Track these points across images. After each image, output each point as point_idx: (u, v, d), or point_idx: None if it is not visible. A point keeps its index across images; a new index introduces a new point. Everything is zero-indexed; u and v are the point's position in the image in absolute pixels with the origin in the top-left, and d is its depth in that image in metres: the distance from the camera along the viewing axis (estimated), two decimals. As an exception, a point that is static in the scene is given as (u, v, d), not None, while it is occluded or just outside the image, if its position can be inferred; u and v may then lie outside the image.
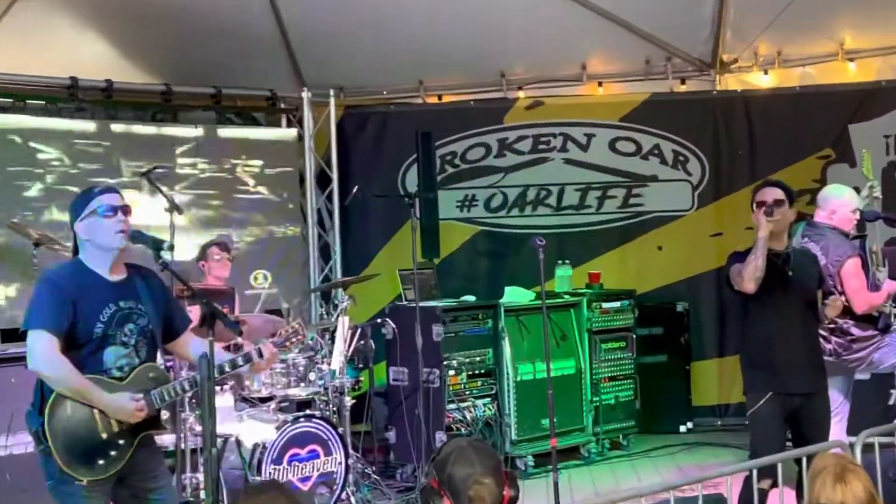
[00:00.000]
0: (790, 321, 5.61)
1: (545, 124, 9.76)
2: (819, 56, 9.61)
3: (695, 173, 9.67)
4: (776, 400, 5.54)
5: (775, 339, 5.58)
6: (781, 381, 5.55)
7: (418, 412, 7.62)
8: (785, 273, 5.57)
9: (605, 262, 9.50)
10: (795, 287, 5.59)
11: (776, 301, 5.58)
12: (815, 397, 5.65)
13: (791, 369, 5.56)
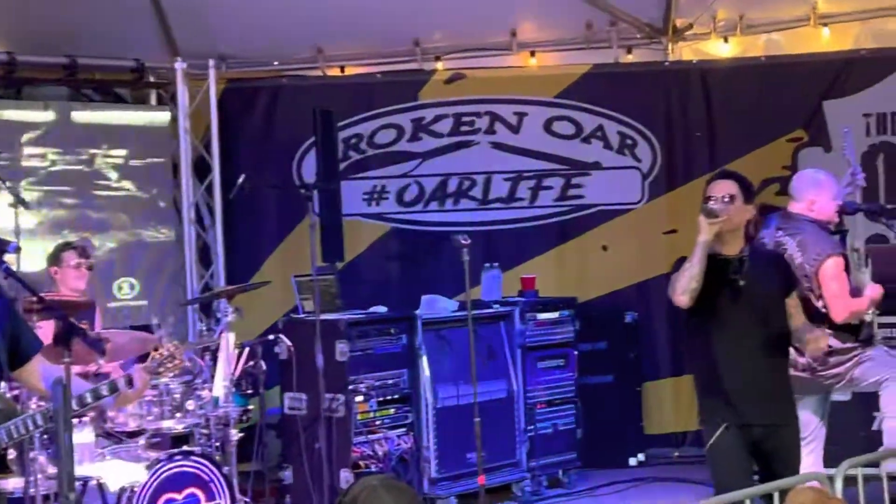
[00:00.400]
0: (745, 340, 5.56)
1: (468, 101, 9.77)
2: (788, 21, 9.75)
3: (645, 159, 9.75)
4: (733, 432, 5.54)
5: (726, 362, 5.54)
6: (735, 411, 5.54)
7: (319, 447, 7.56)
8: (736, 283, 5.56)
9: (540, 264, 9.53)
10: (750, 299, 5.55)
11: (727, 317, 5.55)
12: (780, 429, 5.64)
13: (747, 397, 5.54)
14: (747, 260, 5.56)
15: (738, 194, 5.57)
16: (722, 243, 5.57)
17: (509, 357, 8.44)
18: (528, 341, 8.50)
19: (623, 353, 9.31)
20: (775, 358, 5.67)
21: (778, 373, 5.69)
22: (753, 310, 5.54)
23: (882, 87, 9.41)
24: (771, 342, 5.61)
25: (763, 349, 5.57)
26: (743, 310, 5.53)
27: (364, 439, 7.68)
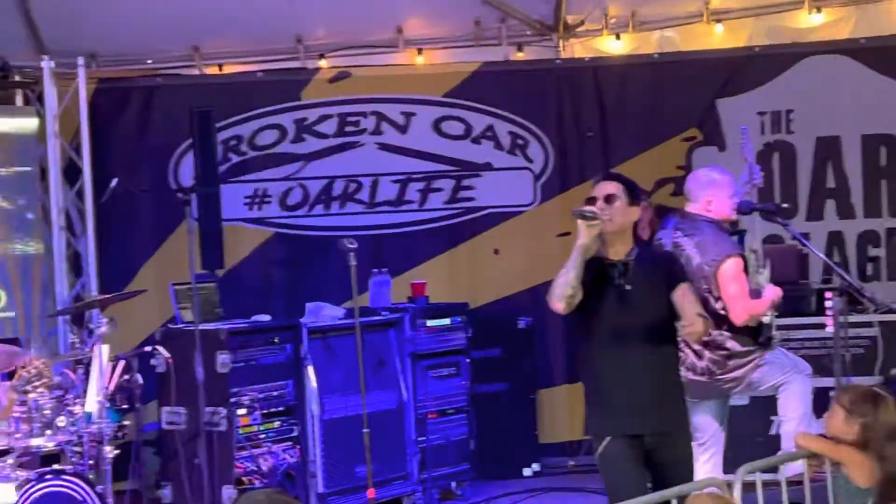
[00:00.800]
0: (631, 347, 5.57)
1: (354, 101, 9.73)
2: (681, 17, 9.88)
3: (537, 160, 9.79)
4: (621, 441, 5.55)
5: (611, 370, 5.56)
6: (623, 421, 5.55)
7: (200, 463, 7.47)
8: (622, 287, 5.57)
9: (430, 269, 9.52)
10: (636, 304, 5.56)
11: (612, 322, 5.56)
12: (672, 437, 5.66)
13: (632, 406, 5.53)
14: (632, 263, 5.55)
15: (622, 196, 5.57)
16: (608, 247, 5.58)
17: (399, 366, 8.42)
18: (418, 349, 8.48)
19: (517, 360, 9.34)
20: (663, 364, 5.66)
21: (667, 379, 5.67)
22: (640, 315, 5.54)
23: (776, 85, 9.57)
24: (658, 348, 5.61)
25: (650, 356, 5.56)
26: (629, 315, 5.52)
27: (247, 454, 7.60)
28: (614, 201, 5.55)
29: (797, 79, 9.54)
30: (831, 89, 9.53)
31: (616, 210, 5.52)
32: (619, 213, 5.53)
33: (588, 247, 5.42)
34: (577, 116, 9.81)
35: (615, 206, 5.53)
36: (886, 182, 9.51)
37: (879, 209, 9.54)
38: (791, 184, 9.56)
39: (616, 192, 5.56)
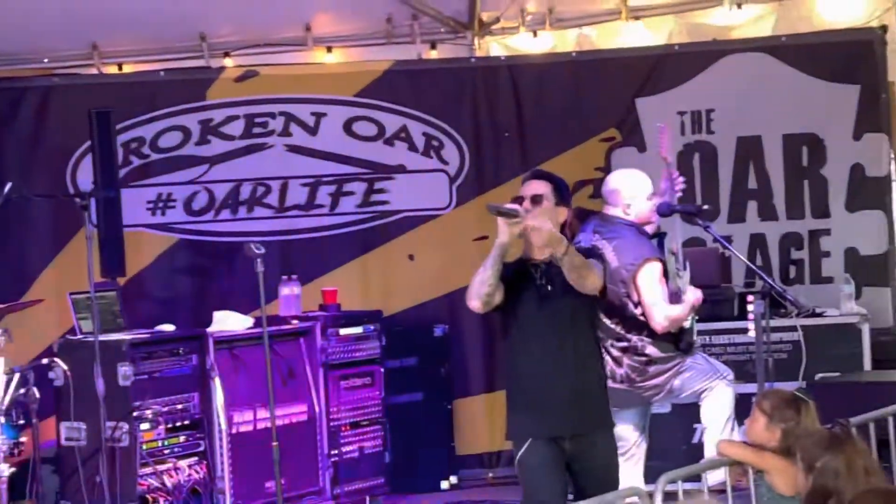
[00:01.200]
0: (553, 347, 5.62)
1: (261, 101, 9.66)
2: (599, 14, 9.94)
3: (452, 162, 9.79)
4: (542, 445, 5.58)
5: (534, 370, 5.60)
6: (544, 423, 5.59)
7: (101, 480, 7.39)
8: (543, 288, 5.60)
9: (342, 276, 9.48)
10: (558, 305, 5.60)
11: (535, 323, 5.61)
12: (593, 440, 5.71)
13: (555, 407, 5.59)
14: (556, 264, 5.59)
15: (550, 195, 5.60)
16: (533, 247, 5.61)
17: (310, 376, 8.38)
18: (330, 359, 8.44)
19: (433, 368, 9.33)
20: (587, 365, 5.72)
21: (589, 380, 5.74)
22: (562, 316, 5.60)
23: (696, 84, 9.66)
24: (581, 349, 5.67)
25: (572, 356, 5.63)
26: (551, 316, 5.58)
27: (151, 470, 7.52)
28: (541, 202, 5.57)
29: (717, 77, 9.64)
30: (752, 88, 9.64)
31: (541, 211, 5.54)
32: (545, 214, 5.54)
33: (508, 245, 5.44)
34: (494, 117, 9.82)
35: (542, 207, 5.56)
36: (808, 183, 9.63)
37: (802, 210, 9.65)
38: (712, 185, 9.65)
39: (544, 193, 5.60)
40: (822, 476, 4.68)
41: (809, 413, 5.39)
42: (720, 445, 5.78)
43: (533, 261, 5.65)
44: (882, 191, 9.57)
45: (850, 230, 9.57)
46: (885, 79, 9.43)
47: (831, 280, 9.43)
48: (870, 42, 9.50)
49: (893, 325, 9.42)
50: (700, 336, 7.72)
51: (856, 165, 9.55)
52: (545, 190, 5.62)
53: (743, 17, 9.84)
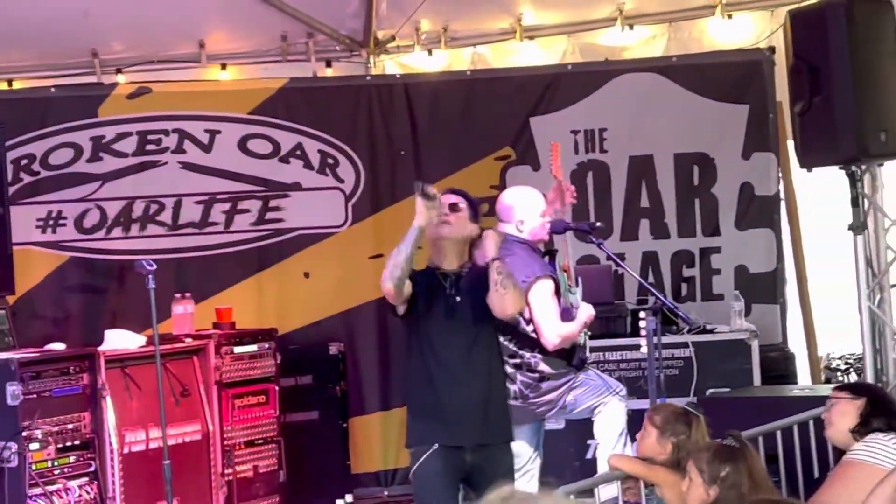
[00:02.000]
0: (459, 357, 5.71)
1: (154, 118, 9.56)
2: (493, 34, 10.01)
3: (347, 180, 9.77)
4: (442, 454, 5.63)
5: (440, 379, 5.68)
6: (448, 431, 5.65)
7: (-11, 503, 7.25)
8: (452, 298, 5.68)
9: (237, 294, 9.42)
10: (465, 316, 5.70)
11: (443, 333, 5.69)
12: (494, 451, 5.78)
13: (460, 416, 5.67)
14: (465, 276, 5.70)
15: (465, 208, 5.73)
16: (442, 257, 5.70)
17: (204, 395, 8.29)
18: (224, 377, 8.36)
19: (328, 387, 9.28)
20: (492, 376, 5.83)
21: (494, 392, 5.86)
22: (468, 327, 5.70)
23: (589, 103, 9.74)
24: (487, 360, 5.77)
25: (479, 367, 5.73)
26: (458, 326, 5.68)
27: (41, 491, 7.37)
28: (458, 209, 5.68)
29: (610, 97, 9.74)
30: (644, 107, 9.76)
31: (458, 218, 5.66)
32: (460, 223, 5.66)
33: (423, 230, 5.52)
34: (389, 135, 9.82)
35: (458, 215, 5.66)
36: (699, 201, 9.75)
37: (693, 229, 9.78)
38: (605, 203, 9.74)
39: (460, 203, 5.70)
40: (728, 487, 4.73)
41: (700, 427, 5.46)
42: (611, 459, 5.84)
43: (442, 270, 5.73)
44: (770, 209, 9.73)
45: (740, 248, 9.71)
46: (773, 99, 9.59)
47: (722, 297, 9.54)
48: (758, 63, 9.65)
49: (782, 341, 9.58)
50: (593, 352, 7.78)
51: (745, 184, 9.70)
52: (462, 202, 5.75)
53: (635, 37, 9.98)
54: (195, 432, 8.20)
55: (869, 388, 5.51)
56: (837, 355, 10.09)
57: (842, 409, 5.45)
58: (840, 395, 5.49)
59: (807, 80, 7.54)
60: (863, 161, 7.80)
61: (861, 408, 5.38)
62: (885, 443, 5.24)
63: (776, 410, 6.80)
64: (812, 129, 7.63)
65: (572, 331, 6.82)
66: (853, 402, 5.41)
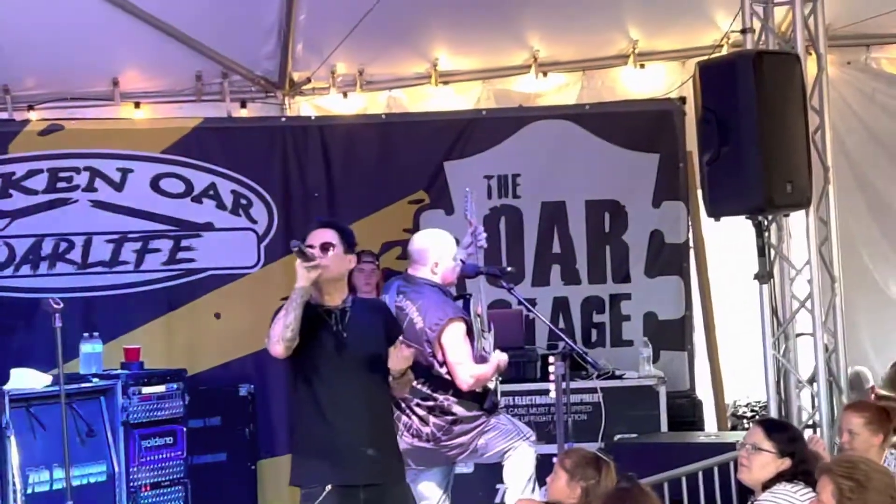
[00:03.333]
0: (349, 393, 5.68)
1: (66, 155, 9.46)
2: (409, 78, 10.06)
3: (261, 220, 9.72)
4: (337, 496, 5.59)
5: (330, 417, 5.64)
6: (341, 471, 5.62)
7: None
8: (340, 335, 5.67)
9: (146, 334, 9.32)
10: (354, 351, 5.68)
11: (330, 370, 5.66)
12: (388, 490, 5.76)
13: (353, 454, 5.63)
14: (349, 310, 5.68)
15: (338, 243, 5.69)
16: (323, 294, 5.68)
17: (110, 436, 8.18)
18: (132, 418, 8.25)
19: (237, 428, 9.20)
20: (382, 415, 5.82)
21: (385, 431, 5.82)
22: (357, 362, 5.67)
23: (503, 149, 9.80)
24: (377, 398, 5.76)
25: (367, 403, 5.70)
26: (347, 362, 5.66)
27: (-59, 533, 7.26)
28: (330, 249, 5.65)
29: (523, 143, 9.80)
30: (557, 154, 9.84)
31: (332, 258, 5.63)
32: (336, 261, 5.64)
33: (307, 289, 5.48)
34: (303, 177, 9.79)
35: (331, 254, 5.64)
36: (610, 248, 9.83)
37: (604, 275, 9.84)
38: (518, 249, 9.78)
39: (333, 241, 5.67)
40: None
41: (610, 473, 5.47)
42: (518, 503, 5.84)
43: (325, 307, 5.70)
44: (680, 257, 9.83)
45: (650, 295, 9.79)
46: (683, 148, 9.71)
47: (631, 343, 9.60)
48: (669, 112, 9.78)
49: (689, 388, 9.66)
50: (504, 397, 7.82)
51: (655, 232, 9.79)
52: (334, 238, 5.71)
53: (549, 84, 10.08)
54: (100, 473, 8.07)
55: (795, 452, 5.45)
56: (744, 402, 10.18)
57: (764, 462, 5.43)
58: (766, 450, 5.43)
59: (715, 130, 7.64)
60: (769, 211, 7.92)
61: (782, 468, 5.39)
62: (792, 494, 5.28)
63: (682, 456, 6.86)
64: (720, 178, 7.73)
65: (486, 372, 6.84)
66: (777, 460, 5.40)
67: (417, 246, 7.00)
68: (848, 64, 9.91)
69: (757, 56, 7.69)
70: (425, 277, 6.87)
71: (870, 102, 9.99)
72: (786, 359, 8.30)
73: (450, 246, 6.97)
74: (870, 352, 9.82)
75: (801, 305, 8.28)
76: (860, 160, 9.93)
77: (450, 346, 6.72)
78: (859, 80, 9.99)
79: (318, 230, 5.76)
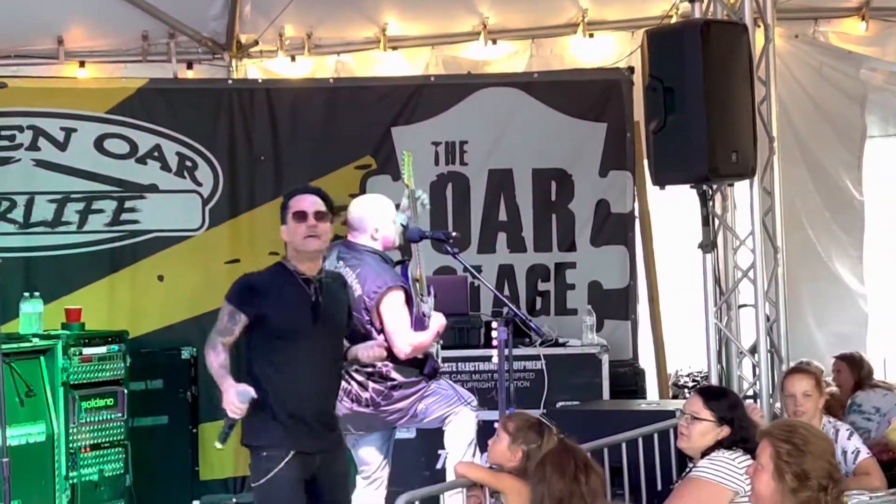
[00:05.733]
0: (321, 363, 5.74)
1: (9, 113, 9.35)
2: (357, 42, 10.02)
3: (206, 183, 9.66)
4: (299, 462, 5.63)
5: (299, 384, 5.67)
6: (304, 438, 5.66)
7: None
8: (318, 304, 5.68)
9: (88, 295, 9.25)
10: (325, 320, 5.73)
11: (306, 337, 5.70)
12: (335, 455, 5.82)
13: (317, 422, 5.70)
14: (324, 282, 5.73)
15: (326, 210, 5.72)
16: (303, 261, 5.69)
17: (50, 396, 8.12)
18: (72, 379, 8.20)
19: (178, 391, 9.17)
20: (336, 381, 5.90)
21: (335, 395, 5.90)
22: (327, 331, 5.74)
23: (451, 115, 9.77)
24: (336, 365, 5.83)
25: (330, 372, 5.77)
26: (319, 330, 5.69)
27: None
28: (325, 219, 5.67)
29: (472, 110, 9.78)
30: (505, 122, 9.82)
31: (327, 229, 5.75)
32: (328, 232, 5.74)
33: None
34: (250, 139, 9.72)
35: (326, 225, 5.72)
36: (556, 216, 9.82)
37: (550, 244, 9.84)
38: (464, 216, 9.76)
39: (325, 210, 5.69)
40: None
41: (551, 438, 5.47)
42: (458, 467, 5.84)
43: (303, 275, 5.70)
44: (625, 227, 9.84)
45: (595, 264, 9.80)
46: (630, 118, 9.71)
47: (575, 312, 9.59)
48: (617, 82, 9.77)
49: (632, 357, 9.69)
50: (446, 363, 7.79)
51: (601, 201, 9.80)
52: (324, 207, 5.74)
53: (498, 52, 10.06)
54: (39, 433, 8.03)
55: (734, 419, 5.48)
56: (686, 372, 10.23)
57: (703, 431, 5.46)
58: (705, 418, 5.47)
59: (662, 98, 7.63)
60: (713, 180, 7.93)
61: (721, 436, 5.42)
62: (730, 461, 5.30)
63: (623, 423, 6.86)
64: (665, 147, 7.73)
65: (424, 340, 6.81)
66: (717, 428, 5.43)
67: (356, 213, 6.94)
68: (796, 37, 9.93)
69: (704, 25, 7.69)
70: (365, 244, 6.83)
71: (817, 76, 10.02)
72: (728, 329, 8.34)
73: (389, 211, 6.92)
74: (811, 323, 9.89)
75: (744, 275, 8.32)
76: (806, 134, 9.96)
77: (388, 314, 6.68)
78: (807, 53, 10.02)
79: (307, 195, 5.77)
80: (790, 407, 6.55)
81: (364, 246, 6.83)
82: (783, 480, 4.21)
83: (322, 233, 5.67)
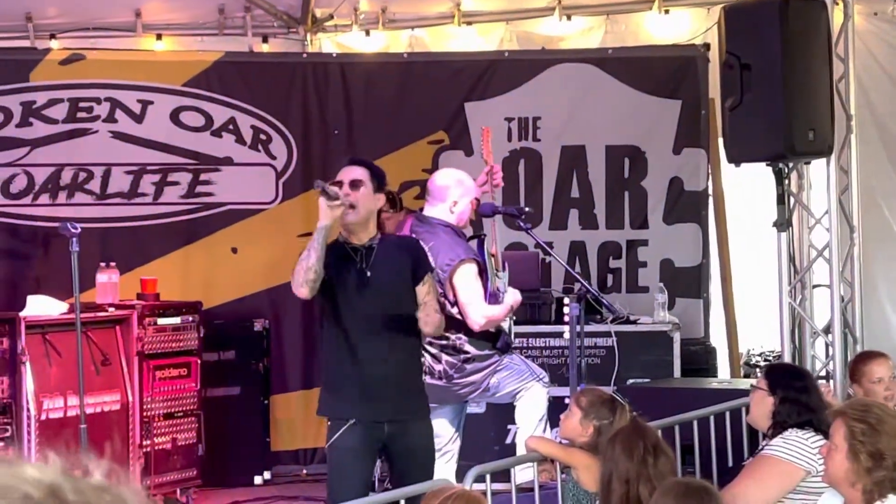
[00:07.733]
0: (374, 331, 5.70)
1: (86, 85, 9.46)
2: (431, 17, 9.99)
3: (280, 156, 9.71)
4: (360, 429, 5.65)
5: (356, 354, 5.68)
6: (365, 407, 5.67)
7: None
8: (363, 273, 5.67)
9: (163, 266, 9.34)
10: (378, 289, 5.69)
11: (356, 307, 5.68)
12: (411, 425, 5.81)
13: (377, 392, 5.68)
14: (376, 248, 5.68)
15: (368, 181, 5.67)
16: (350, 233, 5.68)
17: (125, 365, 8.23)
18: (146, 349, 8.31)
19: (251, 363, 9.25)
20: (406, 350, 5.84)
21: (409, 365, 5.87)
22: (381, 300, 5.69)
23: (524, 91, 9.73)
24: (401, 333, 5.77)
25: (393, 341, 5.73)
26: (370, 300, 5.66)
27: (-45, 456, 7.31)
28: (360, 187, 5.63)
29: (545, 86, 9.73)
30: (578, 98, 9.77)
31: (361, 196, 5.62)
32: (364, 199, 5.63)
33: (329, 228, 5.48)
34: (323, 114, 9.77)
35: (360, 192, 5.62)
36: (629, 194, 9.78)
37: (622, 221, 9.80)
38: (536, 192, 9.74)
39: (363, 178, 5.66)
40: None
41: (624, 415, 5.47)
42: (529, 441, 5.85)
43: (352, 244, 5.71)
44: (698, 205, 9.78)
45: (667, 242, 9.75)
46: (705, 95, 9.64)
47: (647, 289, 9.56)
48: (692, 59, 9.70)
49: (704, 335, 9.65)
50: (517, 338, 7.80)
51: (674, 179, 9.74)
52: (364, 175, 5.69)
53: (572, 28, 10.00)
54: (114, 402, 8.15)
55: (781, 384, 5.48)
56: (757, 352, 10.18)
57: (758, 399, 5.50)
58: (758, 387, 5.53)
59: (738, 76, 7.59)
60: (790, 159, 7.87)
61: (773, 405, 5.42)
62: (804, 440, 5.28)
63: (694, 401, 6.85)
64: (741, 124, 7.69)
65: (498, 314, 6.83)
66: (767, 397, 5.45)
67: (439, 183, 6.97)
68: (874, 15, 9.79)
69: (783, 2, 7.62)
70: (440, 217, 6.84)
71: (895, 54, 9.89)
72: (801, 307, 8.28)
73: (470, 187, 6.95)
74: (886, 305, 9.78)
75: (819, 254, 8.26)
76: (884, 113, 9.82)
77: (461, 286, 6.71)
78: (885, 31, 9.87)
79: (348, 167, 5.77)
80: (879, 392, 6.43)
81: (437, 219, 6.85)
82: (857, 460, 4.20)
83: (357, 201, 5.63)
